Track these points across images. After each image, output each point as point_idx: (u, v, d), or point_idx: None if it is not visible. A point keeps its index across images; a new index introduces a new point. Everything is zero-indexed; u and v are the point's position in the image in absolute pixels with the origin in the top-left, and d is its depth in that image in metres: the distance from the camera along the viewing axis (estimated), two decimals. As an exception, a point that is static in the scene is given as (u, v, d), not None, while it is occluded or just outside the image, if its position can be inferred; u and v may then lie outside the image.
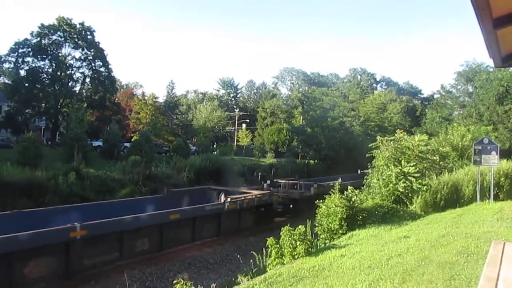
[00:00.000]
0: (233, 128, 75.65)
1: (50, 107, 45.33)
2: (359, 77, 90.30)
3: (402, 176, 14.66)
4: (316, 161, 52.51)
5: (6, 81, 53.12)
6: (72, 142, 31.35)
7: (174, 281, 7.03)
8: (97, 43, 47.14)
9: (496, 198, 15.42)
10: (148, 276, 13.61)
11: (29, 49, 43.74)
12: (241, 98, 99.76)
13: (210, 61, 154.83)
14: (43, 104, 45.60)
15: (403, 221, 12.21)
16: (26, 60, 44.11)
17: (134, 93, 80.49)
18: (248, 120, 74.67)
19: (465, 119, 50.87)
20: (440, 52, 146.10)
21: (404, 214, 13.25)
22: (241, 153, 58.41)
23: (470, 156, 18.25)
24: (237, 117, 74.32)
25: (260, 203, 20.56)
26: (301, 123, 67.26)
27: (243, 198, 19.50)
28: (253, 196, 20.22)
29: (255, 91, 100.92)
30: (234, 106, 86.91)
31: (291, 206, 23.65)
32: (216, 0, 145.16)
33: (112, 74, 49.67)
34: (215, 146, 63.56)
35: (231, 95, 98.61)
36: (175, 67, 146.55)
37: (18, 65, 44.19)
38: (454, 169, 18.83)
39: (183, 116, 78.16)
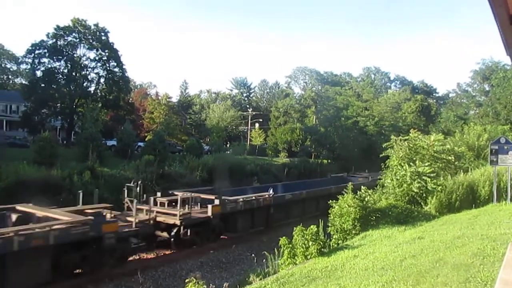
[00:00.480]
0: (246, 127, 75.61)
1: (66, 107, 45.88)
2: (372, 76, 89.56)
3: (417, 176, 14.49)
4: (329, 160, 52.31)
5: (23, 82, 54.06)
6: (87, 141, 31.75)
7: (187, 280, 7.05)
8: (112, 44, 47.56)
9: (513, 199, 15.13)
10: (161, 274, 13.71)
11: (45, 50, 44.33)
12: (254, 98, 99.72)
13: (223, 60, 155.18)
14: (58, 104, 46.15)
15: (417, 222, 12.07)
16: (42, 61, 44.73)
17: (148, 93, 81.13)
18: (261, 120, 74.53)
19: (481, 118, 50.15)
20: (456, 50, 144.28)
21: (419, 214, 13.09)
22: (254, 152, 58.42)
23: (487, 156, 17.97)
24: (250, 116, 74.24)
25: (71, 238, 11.92)
26: (314, 122, 67.06)
27: (11, 233, 10.65)
28: (46, 228, 11.39)
29: (268, 90, 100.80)
30: (247, 106, 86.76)
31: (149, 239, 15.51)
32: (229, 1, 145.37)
33: (126, 74, 50.11)
34: (228, 145, 63.64)
35: (244, 95, 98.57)
36: (188, 67, 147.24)
37: (35, 66, 44.85)
38: (469, 169, 18.54)
39: (196, 115, 78.40)
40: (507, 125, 42.27)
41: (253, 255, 12.81)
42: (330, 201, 12.66)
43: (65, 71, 45.59)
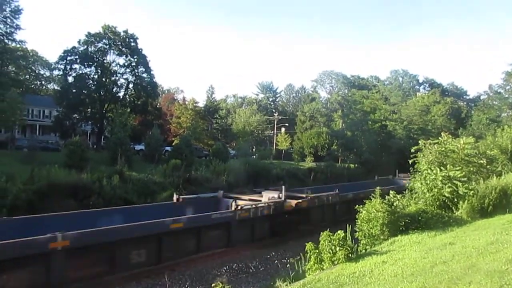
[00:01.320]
0: (272, 132, 75.62)
1: (96, 112, 47.04)
2: (400, 79, 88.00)
3: (448, 181, 14.12)
4: (356, 165, 51.71)
5: (56, 87, 55.70)
6: (116, 146, 32.42)
7: (213, 284, 7.06)
8: (140, 50, 48.58)
9: (550, 204, 14.56)
10: (188, 278, 13.78)
11: (77, 57, 45.67)
12: (280, 102, 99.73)
13: (249, 65, 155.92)
14: (89, 109, 47.41)
15: (448, 227, 11.75)
16: (73, 67, 46.13)
17: (175, 98, 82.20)
18: (287, 124, 74.42)
19: (514, 121, 48.53)
20: (488, 52, 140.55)
21: (449, 219, 12.73)
22: (280, 157, 58.32)
23: (521, 159, 17.39)
24: (276, 121, 74.25)
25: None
26: (341, 126, 66.47)
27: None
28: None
29: (294, 95, 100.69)
30: (273, 110, 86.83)
31: None
32: (256, 5, 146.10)
33: (154, 79, 51.12)
34: (254, 150, 63.74)
35: (270, 99, 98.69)
36: (215, 72, 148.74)
37: (67, 72, 46.29)
38: (503, 173, 17.96)
39: (223, 120, 78.90)
40: (541, 128, 40.74)
41: (279, 260, 12.73)
42: (357, 206, 12.47)
43: (95, 76, 46.86)
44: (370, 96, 72.23)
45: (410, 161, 17.87)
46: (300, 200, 19.94)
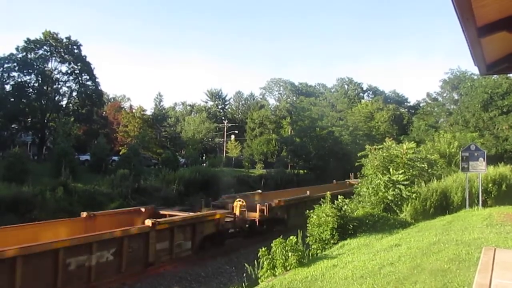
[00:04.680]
0: (222, 139, 75.54)
1: (37, 122, 44.98)
2: (346, 86, 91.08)
3: (391, 184, 14.71)
4: (305, 171, 52.66)
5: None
6: (59, 156, 31.08)
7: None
8: (84, 57, 47.05)
9: (485, 204, 15.55)
10: (138, 291, 13.41)
11: (15, 64, 43.42)
12: (229, 110, 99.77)
13: (198, 72, 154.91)
14: (29, 119, 45.30)
15: (393, 229, 12.23)
16: (11, 75, 43.78)
17: (122, 106, 80.00)
18: (237, 132, 74.66)
19: (451, 126, 51.43)
20: (426, 60, 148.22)
21: (395, 222, 13.27)
22: (231, 164, 58.34)
23: (458, 163, 18.41)
24: (225, 128, 74.31)
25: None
26: (289, 133, 67.54)
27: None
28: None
29: (243, 102, 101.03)
30: (223, 118, 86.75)
31: None
32: (203, 13, 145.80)
33: (99, 87, 49.68)
34: (204, 158, 63.33)
35: (219, 107, 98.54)
36: (162, 79, 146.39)
37: (3, 80, 43.82)
38: (442, 176, 18.95)
39: (172, 128, 77.74)
40: (475, 132, 43.57)
41: (233, 268, 12.70)
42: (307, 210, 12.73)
43: (36, 85, 44.81)
44: (318, 103, 74.15)
45: (356, 165, 18.51)
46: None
